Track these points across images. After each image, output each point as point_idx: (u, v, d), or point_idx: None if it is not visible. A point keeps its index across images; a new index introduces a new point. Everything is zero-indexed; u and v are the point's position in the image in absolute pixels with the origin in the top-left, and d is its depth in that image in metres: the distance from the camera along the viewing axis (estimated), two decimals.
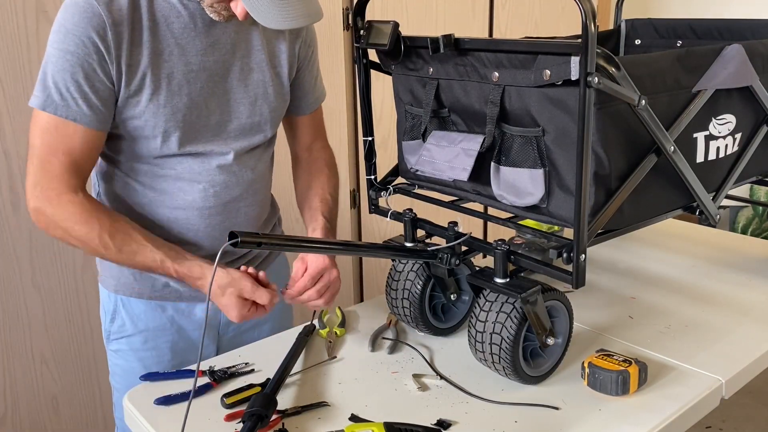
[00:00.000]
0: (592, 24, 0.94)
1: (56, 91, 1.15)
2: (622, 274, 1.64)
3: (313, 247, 1.23)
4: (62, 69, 1.14)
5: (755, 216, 3.30)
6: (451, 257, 1.25)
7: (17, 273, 1.92)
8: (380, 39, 1.23)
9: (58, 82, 1.15)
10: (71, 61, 1.14)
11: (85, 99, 1.16)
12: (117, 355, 1.40)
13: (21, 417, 2.01)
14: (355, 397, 1.18)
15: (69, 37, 1.13)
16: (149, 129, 1.22)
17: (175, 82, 1.22)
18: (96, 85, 1.16)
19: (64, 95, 1.15)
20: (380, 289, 2.50)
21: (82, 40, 1.13)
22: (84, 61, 1.14)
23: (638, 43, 1.78)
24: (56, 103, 1.15)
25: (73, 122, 1.16)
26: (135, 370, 1.36)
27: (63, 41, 1.14)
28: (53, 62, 1.15)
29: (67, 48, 1.13)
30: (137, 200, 1.30)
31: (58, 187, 1.18)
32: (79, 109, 1.16)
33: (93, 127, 1.18)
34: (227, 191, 1.32)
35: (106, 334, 1.40)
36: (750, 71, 1.26)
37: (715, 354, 1.28)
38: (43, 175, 1.18)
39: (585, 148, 1.00)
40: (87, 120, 1.17)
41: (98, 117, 1.18)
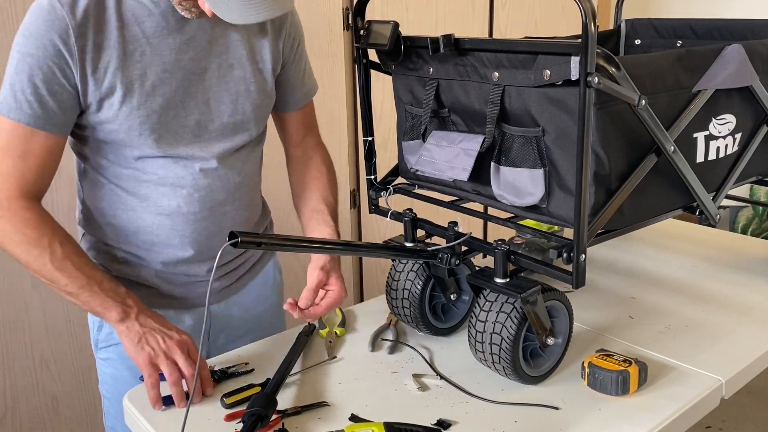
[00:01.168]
0: (592, 24, 0.94)
1: (12, 94, 1.12)
2: (622, 274, 1.64)
3: (313, 247, 1.23)
4: (21, 71, 1.11)
5: (755, 216, 3.30)
6: (451, 257, 1.25)
7: (17, 273, 1.92)
8: (380, 39, 1.23)
9: (15, 84, 1.12)
10: (30, 64, 1.11)
11: (41, 103, 1.12)
12: (106, 363, 1.38)
13: (21, 417, 2.01)
14: (355, 397, 1.18)
15: (30, 40, 1.10)
16: (124, 132, 1.19)
17: (148, 83, 1.18)
18: (54, 89, 1.12)
19: (19, 98, 1.12)
20: (380, 289, 2.50)
21: (43, 43, 1.10)
22: (43, 64, 1.11)
23: (638, 43, 1.78)
24: (11, 106, 1.12)
25: (27, 126, 1.13)
26: (125, 378, 1.34)
27: (24, 44, 1.11)
28: (14, 65, 1.12)
29: (28, 51, 1.11)
30: (122, 207, 1.27)
31: (10, 190, 1.15)
32: (33, 112, 1.12)
33: (48, 131, 1.14)
34: (212, 195, 1.29)
35: (94, 342, 1.38)
36: (750, 71, 1.26)
37: (715, 354, 1.28)
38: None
39: (585, 148, 1.00)
40: (41, 123, 1.13)
41: (54, 121, 1.14)
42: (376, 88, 1.44)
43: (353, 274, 2.54)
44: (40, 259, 1.16)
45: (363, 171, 1.41)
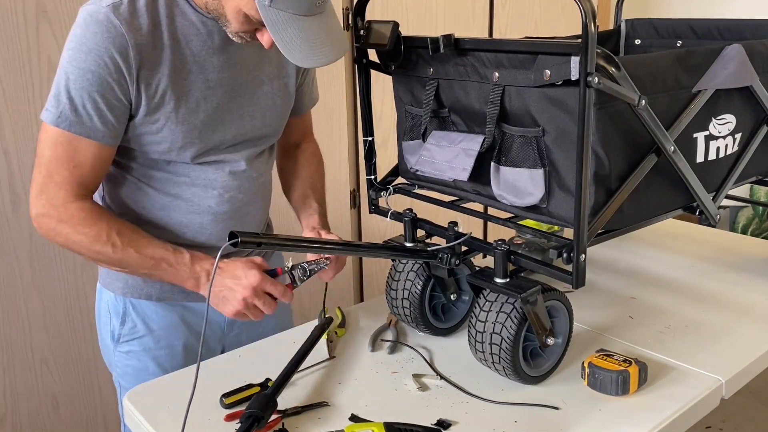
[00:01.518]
0: (592, 24, 0.94)
1: (71, 108, 1.15)
2: (622, 274, 1.64)
3: (313, 247, 1.23)
4: (80, 87, 1.14)
5: (755, 216, 3.30)
6: (451, 257, 1.25)
7: (17, 273, 1.92)
8: (380, 39, 1.23)
9: (74, 98, 1.14)
10: (90, 80, 1.13)
11: (100, 116, 1.16)
12: (129, 356, 1.40)
13: (21, 417, 2.01)
14: (355, 397, 1.18)
15: (90, 55, 1.12)
16: (165, 145, 1.23)
17: (192, 100, 1.22)
18: (112, 103, 1.16)
19: (80, 112, 1.15)
20: (380, 289, 2.50)
21: (104, 60, 1.13)
22: (103, 80, 1.14)
23: (638, 43, 1.78)
24: (70, 120, 1.15)
25: (86, 138, 1.16)
26: (149, 369, 1.37)
27: (84, 60, 1.13)
28: (72, 80, 1.14)
29: (88, 67, 1.13)
30: (149, 204, 1.30)
31: (64, 196, 1.18)
32: (93, 126, 1.16)
33: (104, 142, 1.18)
34: (240, 196, 1.34)
35: (114, 336, 1.40)
36: (750, 71, 1.26)
37: (715, 354, 1.28)
38: (50, 185, 1.18)
39: (585, 148, 1.00)
40: (99, 136, 1.17)
41: (111, 133, 1.18)
42: (376, 88, 1.44)
43: (353, 273, 2.54)
44: (104, 254, 1.21)
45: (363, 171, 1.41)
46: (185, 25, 1.20)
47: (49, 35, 1.84)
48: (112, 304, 1.38)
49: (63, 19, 1.85)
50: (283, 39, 1.09)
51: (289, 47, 1.09)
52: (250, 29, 1.16)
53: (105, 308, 1.40)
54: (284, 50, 1.09)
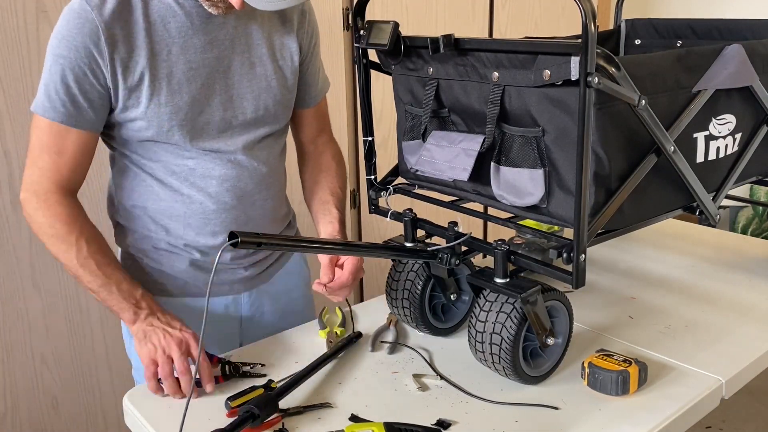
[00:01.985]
0: (592, 24, 0.94)
1: (46, 95, 1.18)
2: (622, 274, 1.64)
3: (313, 247, 1.23)
4: (54, 72, 1.17)
5: (755, 216, 3.30)
6: (451, 257, 1.25)
7: (17, 273, 1.92)
8: (380, 39, 1.23)
9: (49, 84, 1.18)
10: (62, 65, 1.16)
11: (74, 102, 1.18)
12: None
13: (21, 417, 2.01)
14: (355, 397, 1.18)
15: (63, 42, 1.16)
16: (153, 129, 1.24)
17: (174, 81, 1.23)
18: (86, 88, 1.18)
19: (53, 98, 1.18)
20: (380, 289, 2.50)
21: (74, 44, 1.15)
22: (75, 65, 1.16)
23: (638, 43, 1.78)
24: (45, 106, 1.18)
25: (62, 124, 1.19)
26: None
27: (57, 46, 1.17)
28: (47, 67, 1.18)
29: (60, 53, 1.16)
30: (154, 197, 1.31)
31: (47, 184, 1.21)
32: (66, 111, 1.18)
33: (81, 128, 1.20)
34: (240, 185, 1.34)
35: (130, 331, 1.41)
36: (750, 71, 1.26)
37: (715, 354, 1.28)
38: (35, 171, 1.22)
39: (585, 148, 1.00)
40: (74, 122, 1.19)
41: (87, 119, 1.20)
42: (376, 88, 1.44)
43: None
44: (67, 254, 1.22)
45: (363, 171, 1.41)
46: (160, 7, 1.21)
47: (49, 35, 1.83)
48: None
49: None
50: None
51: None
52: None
53: None
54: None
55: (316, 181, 1.48)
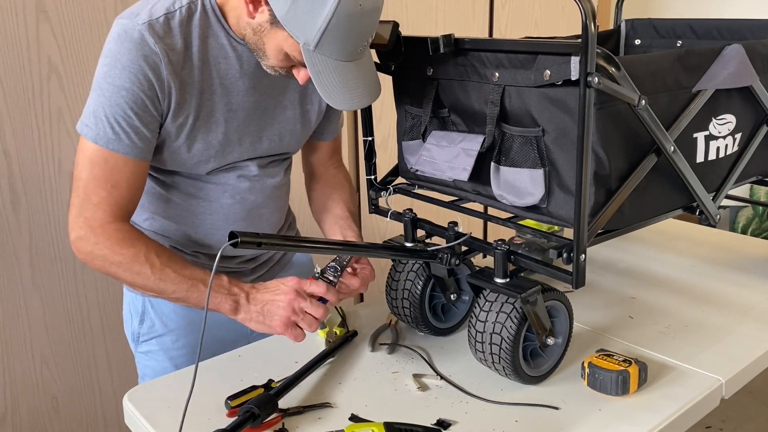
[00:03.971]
0: (592, 24, 0.94)
1: (108, 126, 1.14)
2: (622, 274, 1.64)
3: (313, 247, 1.23)
4: (115, 104, 1.14)
5: (755, 216, 3.30)
6: (451, 257, 1.25)
7: (17, 273, 1.92)
8: (380, 39, 1.23)
9: (110, 116, 1.14)
10: (125, 97, 1.13)
11: (137, 133, 1.16)
12: (147, 356, 1.41)
13: (21, 417, 2.01)
14: (355, 397, 1.18)
15: (125, 73, 1.13)
16: (181, 160, 1.24)
17: (212, 120, 1.23)
18: (146, 119, 1.16)
19: (116, 130, 1.15)
20: (380, 289, 2.50)
21: (138, 77, 1.13)
22: (138, 97, 1.14)
23: (638, 43, 1.78)
24: (108, 137, 1.15)
25: (123, 155, 1.16)
26: (167, 369, 1.38)
27: (118, 76, 1.13)
28: (107, 96, 1.14)
29: (122, 84, 1.13)
30: (162, 205, 1.32)
31: (102, 217, 1.18)
32: (131, 143, 1.16)
33: (141, 158, 1.18)
34: (251, 198, 1.35)
35: (134, 336, 1.41)
36: (750, 71, 1.26)
37: (715, 354, 1.28)
38: (88, 206, 1.18)
39: (585, 148, 1.00)
40: (136, 153, 1.17)
41: (147, 148, 1.19)
42: None
43: None
44: (142, 275, 1.18)
45: (363, 171, 1.41)
46: (215, 47, 1.20)
47: (49, 35, 1.84)
48: (132, 303, 1.41)
49: (63, 19, 1.85)
50: (322, 83, 1.10)
51: (328, 91, 1.11)
52: (287, 66, 1.17)
53: (127, 309, 1.42)
54: (323, 94, 1.11)
55: (328, 197, 1.48)
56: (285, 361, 1.29)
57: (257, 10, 1.11)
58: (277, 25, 1.09)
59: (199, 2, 1.18)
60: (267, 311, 1.17)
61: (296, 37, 1.08)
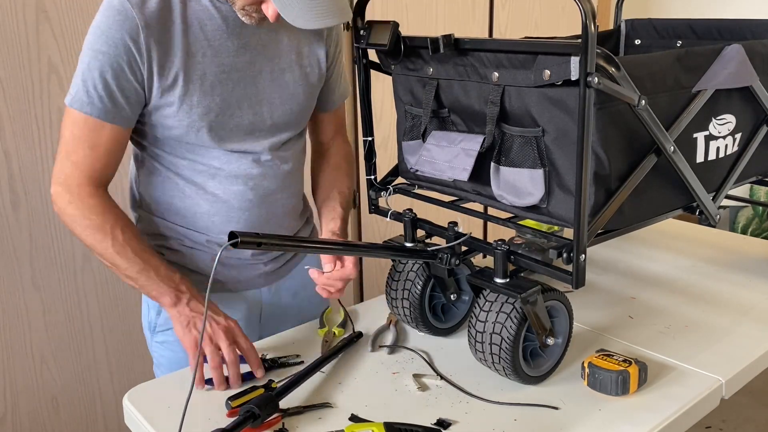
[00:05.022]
0: (592, 24, 0.94)
1: (84, 89, 1.18)
2: (622, 274, 1.64)
3: (313, 247, 1.23)
4: (93, 68, 1.17)
5: (755, 216, 3.30)
6: (451, 257, 1.25)
7: (17, 273, 1.92)
8: (380, 39, 1.23)
9: (87, 80, 1.18)
10: (102, 60, 1.17)
11: (111, 97, 1.19)
12: (164, 346, 1.42)
13: (21, 417, 2.01)
14: (355, 397, 1.18)
15: (102, 37, 1.16)
16: (183, 128, 1.25)
17: (207, 83, 1.24)
18: (123, 84, 1.19)
19: (91, 93, 1.18)
20: (380, 289, 2.50)
21: (114, 40, 1.16)
22: (114, 61, 1.17)
23: (638, 43, 1.78)
24: (83, 100, 1.18)
25: (98, 119, 1.19)
26: (182, 360, 1.38)
27: (96, 41, 1.17)
28: (85, 61, 1.18)
29: (99, 48, 1.16)
30: (179, 194, 1.33)
31: (79, 178, 1.22)
32: (104, 106, 1.19)
33: (117, 123, 1.21)
34: (265, 184, 1.35)
35: (151, 326, 1.43)
36: (750, 71, 1.26)
37: (715, 354, 1.28)
38: (68, 164, 1.22)
39: (585, 148, 1.00)
40: (111, 117, 1.20)
41: (122, 115, 1.21)
42: (376, 88, 1.44)
43: None
44: (102, 244, 1.23)
45: (363, 171, 1.42)
46: (198, 9, 1.22)
47: (49, 35, 1.84)
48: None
49: (63, 19, 1.85)
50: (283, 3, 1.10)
51: (289, 10, 1.10)
52: (254, 1, 1.18)
53: (144, 299, 1.43)
54: (284, 12, 1.11)
55: (324, 178, 1.50)
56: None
57: None
58: None
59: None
60: (194, 322, 1.22)
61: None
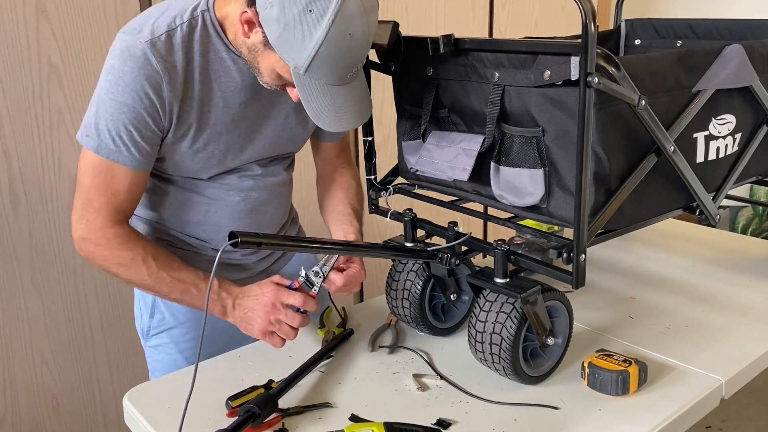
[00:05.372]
0: (592, 24, 0.94)
1: (110, 138, 1.18)
2: (622, 274, 1.64)
3: (313, 247, 1.23)
4: (117, 119, 1.17)
5: (755, 216, 3.30)
6: (451, 257, 1.25)
7: (17, 273, 1.92)
8: (380, 39, 1.23)
9: (111, 130, 1.17)
10: (126, 113, 1.16)
11: (136, 146, 1.19)
12: (158, 350, 1.43)
13: (21, 417, 2.00)
14: (355, 397, 1.18)
15: (127, 90, 1.15)
16: (184, 166, 1.27)
17: (215, 131, 1.25)
18: (146, 134, 1.19)
19: (117, 143, 1.18)
20: (380, 289, 2.50)
21: (139, 95, 1.16)
22: (139, 114, 1.17)
23: (638, 43, 1.78)
24: (109, 149, 1.18)
25: (123, 166, 1.20)
26: (177, 362, 1.40)
27: (121, 93, 1.16)
28: (109, 111, 1.17)
29: (124, 101, 1.16)
30: (168, 202, 1.34)
31: (102, 221, 1.22)
32: (131, 156, 1.19)
33: (140, 170, 1.22)
34: (255, 195, 1.37)
35: (144, 330, 1.43)
36: (750, 71, 1.26)
37: (715, 354, 1.28)
38: (89, 211, 1.22)
39: (585, 148, 1.00)
40: (136, 165, 1.20)
41: (146, 161, 1.22)
42: (376, 88, 1.44)
43: None
44: (139, 276, 1.24)
45: (363, 171, 1.42)
46: (216, 61, 1.22)
47: (49, 35, 1.84)
48: (142, 298, 1.42)
49: (63, 19, 1.85)
50: (312, 105, 1.12)
51: (317, 113, 1.13)
52: (280, 84, 1.19)
53: (137, 304, 1.44)
54: (312, 116, 1.13)
55: (333, 196, 1.50)
56: (285, 361, 1.29)
57: (252, 30, 1.13)
58: (269, 47, 1.11)
59: (199, 17, 1.19)
60: (248, 318, 1.22)
61: (287, 60, 1.10)
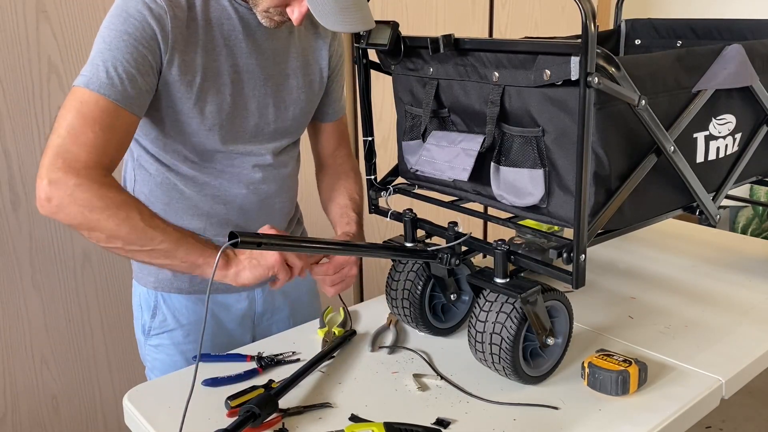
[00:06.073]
0: (592, 24, 0.94)
1: (104, 70, 1.11)
2: (622, 274, 1.64)
3: (313, 247, 1.23)
4: (116, 48, 1.12)
5: (755, 216, 3.30)
6: (451, 257, 1.25)
7: (17, 273, 1.92)
8: (380, 39, 1.23)
9: (107, 61, 1.11)
10: (127, 42, 1.12)
11: (131, 80, 1.13)
12: (158, 350, 1.42)
13: (21, 417, 2.01)
14: (355, 397, 1.18)
15: (129, 20, 1.13)
16: (195, 124, 1.24)
17: (221, 81, 1.24)
18: (143, 68, 1.14)
19: (111, 74, 1.11)
20: (380, 289, 2.50)
21: (142, 24, 1.13)
22: (139, 44, 1.13)
23: (638, 43, 1.78)
24: (101, 81, 1.11)
25: (114, 101, 1.11)
26: (177, 363, 1.40)
27: (123, 23, 1.12)
28: (107, 42, 1.12)
29: (126, 29, 1.12)
30: (177, 195, 1.32)
31: (86, 159, 1.09)
32: (123, 90, 1.12)
33: (132, 111, 1.14)
34: (265, 188, 1.36)
35: (145, 330, 1.43)
36: (750, 71, 1.26)
37: (715, 354, 1.28)
38: (72, 146, 1.09)
39: (585, 148, 1.00)
40: (127, 103, 1.13)
41: (138, 103, 1.15)
42: (376, 88, 1.44)
43: None
44: (129, 220, 1.11)
45: (363, 171, 1.42)
46: (217, 8, 1.23)
47: (49, 35, 1.84)
48: (143, 297, 1.41)
49: (63, 19, 1.85)
50: (317, 6, 1.10)
51: (322, 12, 1.10)
52: (280, 3, 1.17)
53: (137, 302, 1.43)
54: (317, 14, 1.11)
55: (334, 188, 1.50)
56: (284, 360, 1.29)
57: None
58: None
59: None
60: (258, 255, 1.19)
61: None
